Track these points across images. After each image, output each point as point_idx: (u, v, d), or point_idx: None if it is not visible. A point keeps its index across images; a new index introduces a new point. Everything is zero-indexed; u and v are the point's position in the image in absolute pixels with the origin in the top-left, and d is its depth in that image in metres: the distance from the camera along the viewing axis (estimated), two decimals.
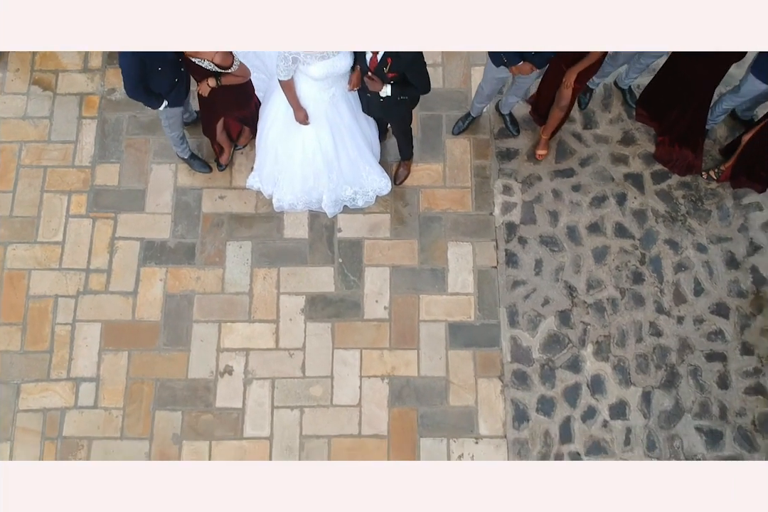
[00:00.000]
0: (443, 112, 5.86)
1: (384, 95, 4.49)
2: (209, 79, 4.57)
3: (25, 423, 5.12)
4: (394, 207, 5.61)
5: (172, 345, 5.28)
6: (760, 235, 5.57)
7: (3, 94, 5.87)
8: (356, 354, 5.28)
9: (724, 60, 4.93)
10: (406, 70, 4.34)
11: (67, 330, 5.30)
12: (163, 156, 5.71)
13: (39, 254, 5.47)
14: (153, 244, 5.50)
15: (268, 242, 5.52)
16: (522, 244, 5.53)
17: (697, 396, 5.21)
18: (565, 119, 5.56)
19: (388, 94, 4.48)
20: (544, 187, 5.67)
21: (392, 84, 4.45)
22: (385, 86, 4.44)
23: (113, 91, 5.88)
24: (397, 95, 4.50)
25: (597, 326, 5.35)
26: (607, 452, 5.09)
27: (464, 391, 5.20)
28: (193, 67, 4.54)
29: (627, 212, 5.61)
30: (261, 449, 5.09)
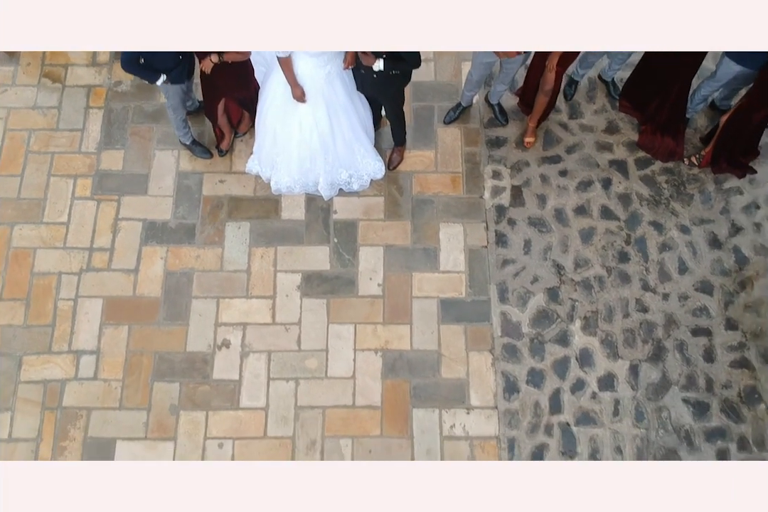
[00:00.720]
0: (435, 103, 6.12)
1: (377, 69, 4.74)
2: (212, 55, 4.83)
3: (26, 393, 5.22)
4: (388, 190, 5.82)
5: (171, 319, 5.42)
6: (741, 217, 5.77)
7: (14, 85, 6.14)
8: (350, 329, 5.41)
9: None
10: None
11: (69, 306, 5.45)
12: (166, 143, 5.95)
13: (44, 234, 5.65)
14: (155, 224, 5.69)
15: (266, 223, 5.71)
16: (511, 225, 5.72)
17: (683, 369, 5.33)
18: (551, 106, 5.82)
19: (381, 68, 4.72)
20: (532, 172, 5.88)
21: (384, 58, 4.70)
22: (378, 60, 4.69)
23: (119, 84, 6.16)
24: (389, 69, 4.74)
25: (585, 302, 5.50)
26: (596, 422, 5.19)
27: (456, 364, 5.32)
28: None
29: (612, 196, 5.82)
30: (257, 419, 5.19)
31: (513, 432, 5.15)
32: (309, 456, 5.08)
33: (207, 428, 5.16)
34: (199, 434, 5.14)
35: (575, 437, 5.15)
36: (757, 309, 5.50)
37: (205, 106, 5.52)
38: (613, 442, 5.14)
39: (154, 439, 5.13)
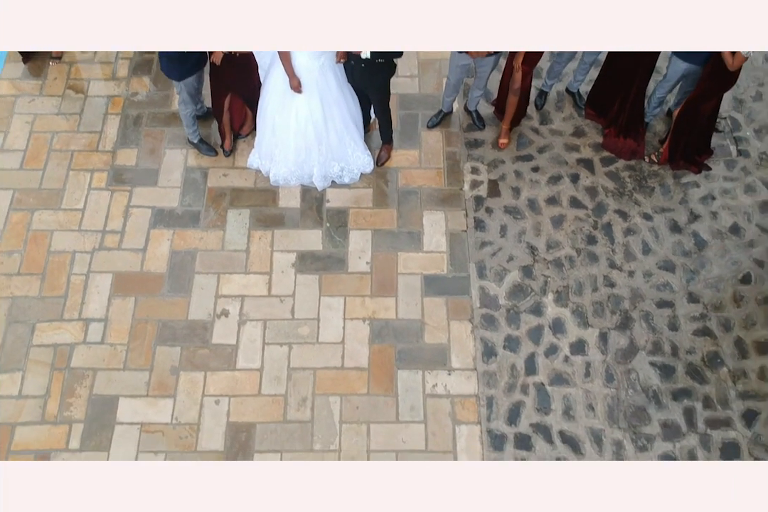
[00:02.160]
0: (419, 111, 6.80)
1: (364, 57, 5.39)
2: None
3: (37, 356, 5.60)
4: (376, 183, 6.40)
5: (174, 292, 5.87)
6: (699, 206, 6.32)
7: (41, 96, 6.83)
8: (340, 301, 5.86)
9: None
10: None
11: (81, 280, 5.91)
12: (176, 143, 6.57)
13: (61, 218, 6.18)
14: (163, 211, 6.24)
15: (265, 210, 6.26)
16: (488, 213, 6.26)
17: (649, 336, 5.74)
18: (522, 110, 6.48)
19: (368, 56, 5.38)
20: (507, 168, 6.48)
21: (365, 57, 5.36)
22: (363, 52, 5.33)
23: (136, 94, 6.85)
24: (375, 57, 5.40)
25: (556, 278, 5.97)
26: (569, 383, 5.55)
27: (438, 331, 5.74)
28: None
29: (580, 188, 6.39)
30: (252, 379, 5.55)
31: (491, 391, 5.51)
32: (300, 413, 5.41)
33: (205, 386, 5.51)
34: (198, 392, 5.49)
35: (549, 396, 5.50)
36: (717, 285, 5.96)
37: (212, 102, 6.16)
38: (585, 400, 5.49)
39: (154, 396, 5.47)
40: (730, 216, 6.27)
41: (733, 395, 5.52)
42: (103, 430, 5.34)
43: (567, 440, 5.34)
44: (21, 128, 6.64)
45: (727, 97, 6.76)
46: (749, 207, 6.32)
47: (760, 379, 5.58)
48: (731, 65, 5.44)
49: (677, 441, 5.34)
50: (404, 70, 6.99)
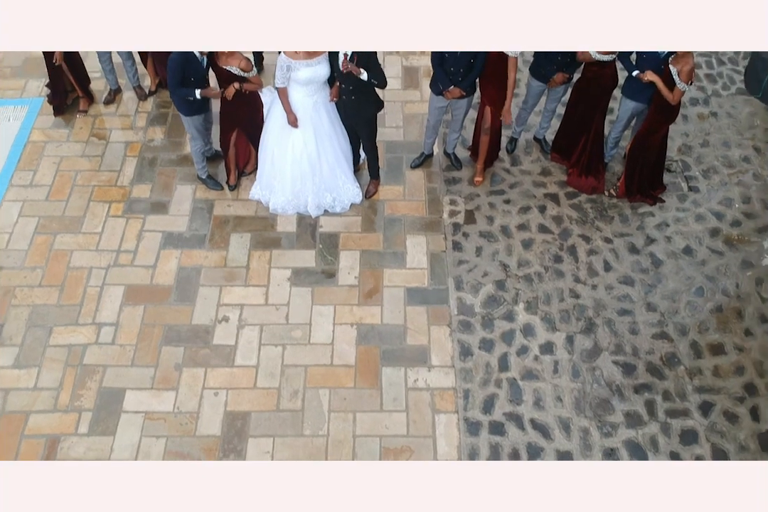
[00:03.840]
0: (404, 154, 7.64)
1: (364, 78, 6.12)
2: (235, 83, 6.38)
3: (53, 354, 6.14)
4: (365, 212, 7.14)
5: (180, 301, 6.48)
6: (654, 232, 7.04)
7: (68, 141, 7.70)
8: (331, 309, 6.45)
9: (603, 91, 6.82)
10: (367, 61, 6.15)
11: (96, 291, 6.53)
12: (186, 180, 7.37)
13: (81, 240, 6.88)
14: (172, 234, 6.94)
15: (264, 234, 6.96)
16: (465, 237, 6.97)
17: (612, 339, 6.30)
18: (494, 151, 7.32)
19: (365, 78, 6.16)
20: (482, 201, 7.25)
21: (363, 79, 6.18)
22: (362, 71, 6.16)
23: (152, 141, 7.72)
24: (369, 77, 6.19)
25: (527, 291, 6.59)
26: (538, 378, 6.06)
27: (419, 334, 6.30)
28: (223, 74, 6.38)
29: (547, 217, 7.13)
30: (248, 375, 6.06)
31: (468, 385, 6.01)
32: (292, 403, 5.89)
33: (205, 381, 6.02)
34: (198, 385, 5.99)
35: (521, 389, 6.00)
36: (672, 297, 6.58)
37: (220, 137, 6.98)
38: (553, 393, 5.98)
39: (158, 389, 5.97)
40: (683, 240, 6.97)
41: (690, 389, 6.01)
42: (110, 417, 5.80)
43: (537, 427, 5.79)
44: (48, 167, 7.45)
45: (678, 144, 7.68)
46: (700, 232, 7.04)
47: (714, 376, 6.09)
48: (672, 99, 6.30)
49: (640, 429, 5.79)
50: (391, 122, 7.90)
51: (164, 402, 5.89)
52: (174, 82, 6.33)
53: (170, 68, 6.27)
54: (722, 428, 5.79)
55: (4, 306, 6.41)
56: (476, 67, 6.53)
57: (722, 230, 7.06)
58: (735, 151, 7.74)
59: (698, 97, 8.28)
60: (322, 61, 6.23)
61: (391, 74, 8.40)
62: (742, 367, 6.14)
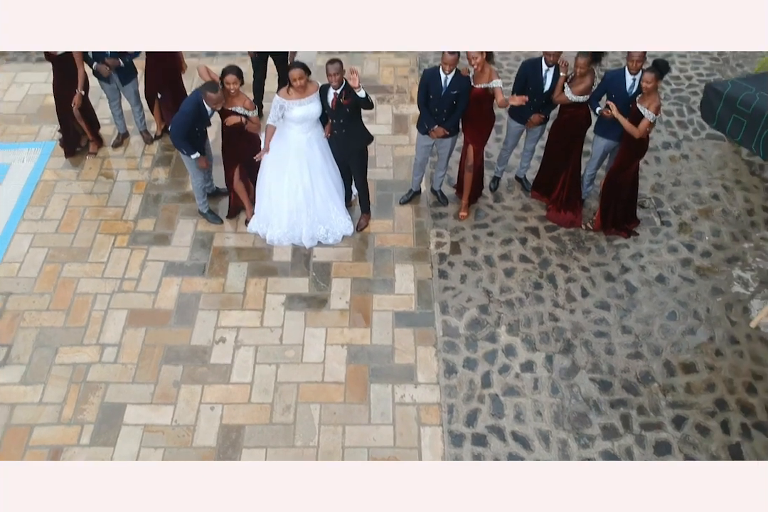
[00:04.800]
0: (393, 192, 8.13)
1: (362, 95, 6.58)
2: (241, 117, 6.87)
3: (58, 372, 6.47)
4: (356, 243, 7.58)
5: (180, 324, 6.84)
6: (629, 261, 7.46)
7: (77, 180, 8.20)
8: (323, 331, 6.81)
9: (578, 131, 7.36)
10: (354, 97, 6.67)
11: (101, 314, 6.90)
12: (188, 215, 7.83)
13: (87, 269, 7.29)
14: (174, 263, 7.36)
15: (260, 263, 7.38)
16: (450, 266, 7.38)
17: (589, 359, 6.64)
18: (478, 187, 7.81)
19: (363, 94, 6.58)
20: (467, 233, 7.70)
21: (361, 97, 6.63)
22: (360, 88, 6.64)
23: (157, 180, 8.22)
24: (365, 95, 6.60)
25: (508, 314, 6.97)
26: (519, 394, 6.38)
27: (406, 354, 6.64)
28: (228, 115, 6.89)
29: (528, 248, 7.56)
30: (243, 391, 6.38)
31: (452, 400, 6.32)
32: (284, 416, 6.19)
33: (202, 396, 6.33)
34: (195, 400, 6.30)
35: (503, 404, 6.31)
36: (646, 321, 6.95)
37: (225, 173, 7.46)
38: (533, 408, 6.29)
39: (158, 404, 6.28)
40: (656, 269, 7.39)
41: (664, 405, 6.32)
42: (111, 430, 6.09)
43: (518, 439, 6.08)
44: (59, 203, 7.93)
45: (651, 183, 8.20)
46: (672, 262, 7.46)
47: (687, 392, 6.41)
48: (638, 132, 6.79)
49: (616, 441, 6.08)
50: (381, 163, 8.42)
51: (163, 416, 6.19)
52: (181, 133, 6.85)
53: (182, 121, 6.80)
54: (694, 440, 6.08)
55: (12, 329, 6.77)
56: (459, 108, 7.07)
57: (693, 260, 7.48)
58: (705, 189, 8.24)
59: (670, 141, 8.83)
60: (314, 100, 6.77)
61: (382, 121, 9.00)
62: (713, 384, 6.46)
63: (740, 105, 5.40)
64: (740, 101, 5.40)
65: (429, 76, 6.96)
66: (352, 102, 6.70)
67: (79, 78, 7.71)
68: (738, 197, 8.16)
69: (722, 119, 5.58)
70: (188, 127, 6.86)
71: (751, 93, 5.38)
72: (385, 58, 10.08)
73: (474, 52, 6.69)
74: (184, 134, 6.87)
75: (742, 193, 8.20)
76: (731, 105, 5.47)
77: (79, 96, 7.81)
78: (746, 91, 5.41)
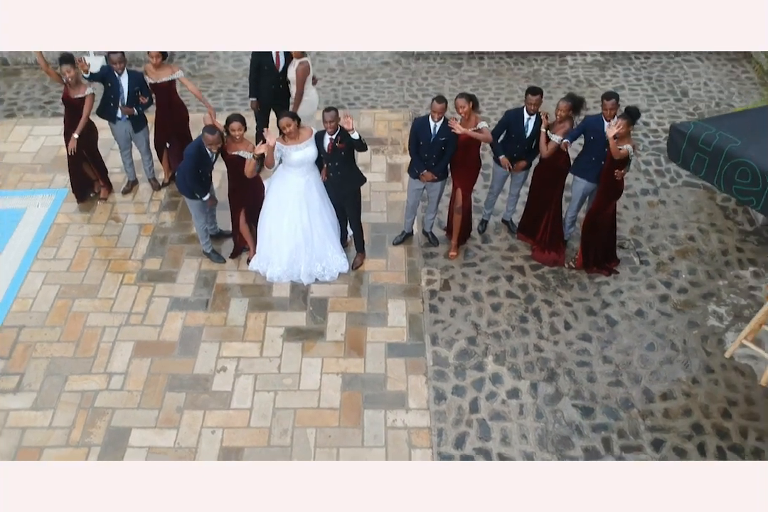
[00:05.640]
0: (387, 234, 8.61)
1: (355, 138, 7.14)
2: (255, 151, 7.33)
3: (67, 398, 6.81)
4: (351, 280, 8.02)
5: (184, 354, 7.22)
6: (609, 297, 7.89)
7: (88, 224, 8.69)
8: (319, 360, 7.19)
9: (558, 174, 7.89)
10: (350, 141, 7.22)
11: (108, 345, 7.29)
12: (193, 255, 8.30)
13: (97, 304, 7.70)
14: (179, 299, 7.78)
15: (261, 298, 7.80)
16: (441, 301, 7.80)
17: (572, 386, 6.99)
18: (466, 229, 8.29)
19: (356, 136, 7.14)
20: (456, 271, 8.15)
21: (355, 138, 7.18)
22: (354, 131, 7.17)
23: (163, 223, 8.72)
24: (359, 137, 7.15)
25: (495, 346, 7.35)
26: (505, 418, 6.71)
27: (398, 382, 7.00)
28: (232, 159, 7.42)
29: (514, 285, 8.00)
30: (243, 416, 6.71)
31: (441, 425, 6.65)
32: (281, 440, 6.51)
33: (204, 421, 6.66)
34: (197, 424, 6.63)
35: (489, 428, 6.63)
36: (626, 351, 7.33)
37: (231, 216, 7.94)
38: (519, 431, 6.61)
39: (161, 428, 6.60)
40: (636, 304, 7.81)
41: (643, 429, 6.65)
42: (116, 451, 6.40)
43: (504, 460, 6.38)
44: (70, 244, 8.40)
45: (630, 226, 8.69)
46: (651, 298, 7.88)
47: (665, 417, 6.74)
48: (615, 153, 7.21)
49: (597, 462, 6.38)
50: (376, 208, 8.93)
51: (166, 439, 6.51)
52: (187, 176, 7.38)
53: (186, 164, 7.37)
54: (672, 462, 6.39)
55: (25, 358, 7.14)
56: (447, 153, 7.61)
57: (670, 296, 7.90)
58: (681, 231, 8.73)
59: (649, 188, 9.37)
60: (310, 144, 7.31)
61: (377, 170, 9.56)
62: (689, 410, 6.80)
63: (702, 144, 5.91)
64: (702, 140, 5.92)
65: (419, 124, 7.53)
66: (347, 145, 7.25)
67: (80, 122, 8.18)
68: (713, 239, 8.63)
69: (686, 157, 6.08)
70: (193, 170, 7.37)
71: (711, 133, 5.90)
72: (380, 113, 10.71)
73: (461, 101, 7.28)
74: (190, 176, 7.38)
75: (717, 235, 8.68)
76: (694, 144, 5.98)
77: (73, 140, 8.24)
78: (707, 131, 5.93)
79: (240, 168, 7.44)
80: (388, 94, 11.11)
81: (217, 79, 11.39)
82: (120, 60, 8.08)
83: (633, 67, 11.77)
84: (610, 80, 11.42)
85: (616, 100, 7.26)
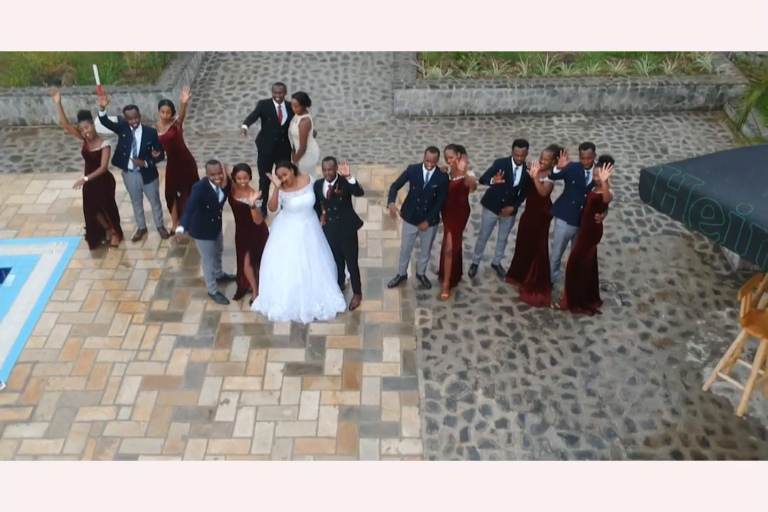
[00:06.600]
0: (382, 277, 9.10)
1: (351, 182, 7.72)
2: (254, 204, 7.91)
3: (77, 428, 7.18)
4: (348, 320, 8.47)
5: (189, 388, 7.61)
6: (593, 335, 8.32)
7: (100, 269, 9.19)
8: (317, 393, 7.57)
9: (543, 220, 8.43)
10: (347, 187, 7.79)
11: (117, 380, 7.68)
12: (198, 297, 8.77)
13: (107, 342, 8.13)
14: (184, 337, 8.21)
15: (262, 336, 8.24)
16: (433, 339, 8.24)
17: (557, 417, 7.36)
18: (457, 272, 8.78)
19: (353, 181, 7.74)
20: (448, 311, 8.60)
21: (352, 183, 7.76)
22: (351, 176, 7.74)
23: (171, 268, 9.22)
24: (356, 182, 7.74)
25: (485, 379, 7.75)
26: (494, 446, 7.06)
27: (392, 413, 7.38)
28: (238, 205, 7.98)
29: (503, 324, 8.45)
30: (243, 444, 7.06)
31: (433, 452, 7.00)
32: None
33: (207, 448, 7.01)
34: (201, 452, 6.98)
35: (479, 455, 6.98)
36: (609, 385, 7.72)
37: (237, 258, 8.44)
38: (507, 458, 6.95)
39: (166, 455, 6.95)
40: (618, 341, 8.24)
41: (625, 456, 6.99)
42: None
43: None
44: (83, 288, 8.88)
45: (612, 270, 9.19)
46: (632, 336, 8.31)
47: (646, 445, 7.09)
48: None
49: None
50: (372, 254, 9.45)
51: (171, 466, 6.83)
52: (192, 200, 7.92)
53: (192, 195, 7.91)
54: None
55: (38, 391, 7.53)
56: (439, 200, 8.17)
57: (651, 334, 8.33)
58: (661, 275, 9.21)
59: (630, 236, 9.90)
60: (308, 191, 7.88)
61: (374, 219, 10.10)
62: (669, 438, 7.15)
63: (670, 185, 6.45)
64: (669, 182, 6.45)
65: (413, 170, 8.13)
66: (345, 191, 7.82)
67: (97, 170, 8.72)
68: (691, 282, 9.11)
69: (656, 197, 6.60)
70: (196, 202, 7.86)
71: (678, 175, 6.44)
72: (377, 168, 11.33)
73: (449, 152, 7.90)
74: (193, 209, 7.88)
75: (695, 279, 9.16)
76: (663, 185, 6.51)
77: (81, 181, 8.74)
78: (674, 173, 6.48)
79: (245, 213, 7.99)
80: (384, 151, 11.76)
81: (222, 138, 12.07)
82: (135, 115, 8.73)
83: (615, 127, 12.47)
84: (594, 139, 12.09)
85: (593, 150, 7.87)
